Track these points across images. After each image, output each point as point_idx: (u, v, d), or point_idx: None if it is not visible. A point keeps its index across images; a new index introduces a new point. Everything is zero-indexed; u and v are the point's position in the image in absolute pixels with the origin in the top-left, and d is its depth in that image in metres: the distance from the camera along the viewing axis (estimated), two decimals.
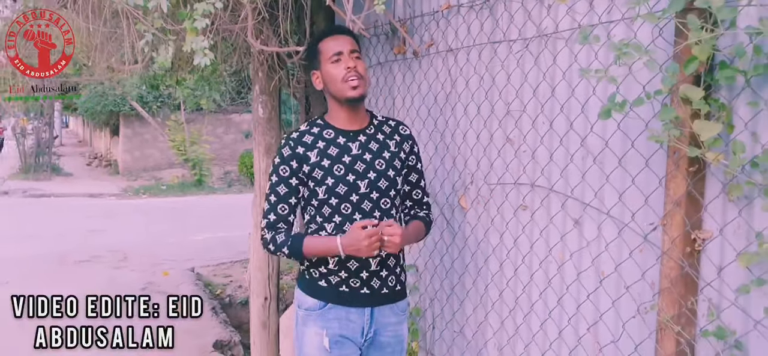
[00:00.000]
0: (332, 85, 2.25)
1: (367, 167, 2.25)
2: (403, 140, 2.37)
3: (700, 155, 1.75)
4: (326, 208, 2.24)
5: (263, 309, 4.06)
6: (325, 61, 2.25)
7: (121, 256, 8.98)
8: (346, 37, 2.30)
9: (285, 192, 2.25)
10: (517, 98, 2.51)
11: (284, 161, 2.26)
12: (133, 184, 17.99)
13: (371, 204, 2.24)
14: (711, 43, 1.69)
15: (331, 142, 2.26)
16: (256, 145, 3.97)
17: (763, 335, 1.70)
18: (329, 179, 2.22)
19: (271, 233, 2.25)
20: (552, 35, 2.32)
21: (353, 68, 2.21)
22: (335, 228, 2.23)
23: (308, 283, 2.31)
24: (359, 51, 2.30)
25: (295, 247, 2.21)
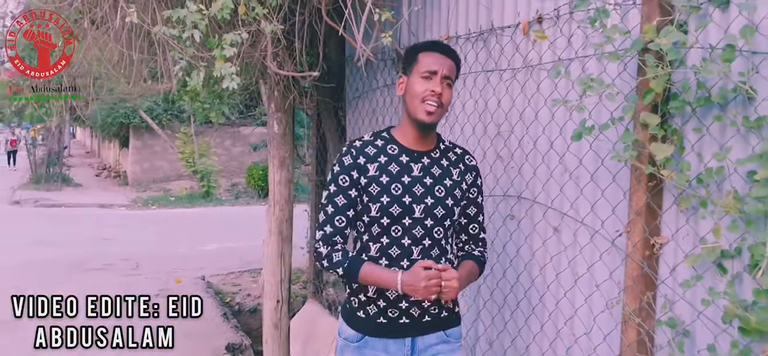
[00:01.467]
0: (410, 100, 2.14)
1: (426, 192, 2.16)
2: (467, 171, 2.27)
3: (656, 172, 2.08)
4: (376, 227, 2.15)
5: (275, 312, 4.38)
6: (416, 72, 2.13)
7: (134, 264, 9.31)
8: (447, 59, 2.16)
9: (343, 204, 2.13)
10: (506, 120, 2.84)
11: (345, 170, 2.14)
12: (142, 195, 18.36)
13: (423, 231, 2.15)
14: (665, 78, 2.02)
15: (393, 158, 2.17)
16: (270, 158, 4.31)
17: (705, 323, 2.02)
18: (385, 197, 2.12)
19: (327, 247, 2.13)
20: (536, 67, 2.65)
21: (438, 94, 2.09)
22: (380, 250, 2.15)
23: (349, 312, 2.25)
24: (454, 79, 2.19)
25: (352, 270, 2.10)
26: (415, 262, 2.12)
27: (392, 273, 2.08)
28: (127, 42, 3.26)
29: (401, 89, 2.20)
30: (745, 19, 1.85)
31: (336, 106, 4.58)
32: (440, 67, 2.12)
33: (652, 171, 2.08)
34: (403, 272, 2.07)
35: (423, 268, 2.03)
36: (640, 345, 2.18)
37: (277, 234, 4.31)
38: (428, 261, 2.07)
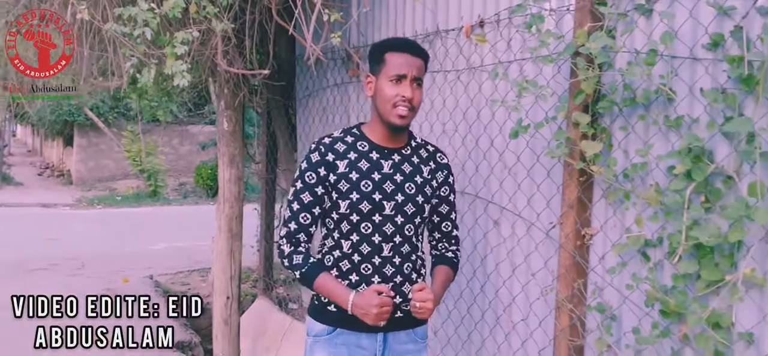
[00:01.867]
0: (381, 103, 2.09)
1: (396, 189, 2.13)
2: (438, 168, 2.25)
3: (586, 167, 2.23)
4: (346, 224, 2.13)
5: (225, 308, 4.42)
6: (384, 74, 2.08)
7: (79, 264, 9.14)
8: (416, 59, 2.11)
9: (309, 201, 2.12)
10: (450, 119, 2.98)
11: (312, 166, 2.12)
12: (87, 194, 17.97)
13: (394, 228, 2.13)
14: (594, 81, 2.17)
15: (363, 155, 2.14)
16: (220, 156, 4.35)
17: (630, 308, 2.18)
18: (354, 194, 2.09)
19: (290, 246, 2.13)
20: (478, 68, 2.78)
21: (409, 99, 2.05)
22: (352, 247, 2.12)
23: (317, 308, 2.20)
24: (422, 78, 2.14)
25: (309, 276, 2.10)
26: (387, 260, 2.13)
27: (345, 292, 2.07)
28: (77, 38, 3.27)
29: (370, 89, 2.15)
30: (665, 26, 2.01)
31: (286, 104, 4.66)
32: (409, 69, 2.06)
33: (583, 167, 2.23)
34: (356, 294, 2.06)
35: (375, 292, 2.03)
36: (573, 329, 2.33)
37: (227, 231, 4.36)
38: (381, 286, 2.08)
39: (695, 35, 1.97)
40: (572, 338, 2.34)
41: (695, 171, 1.90)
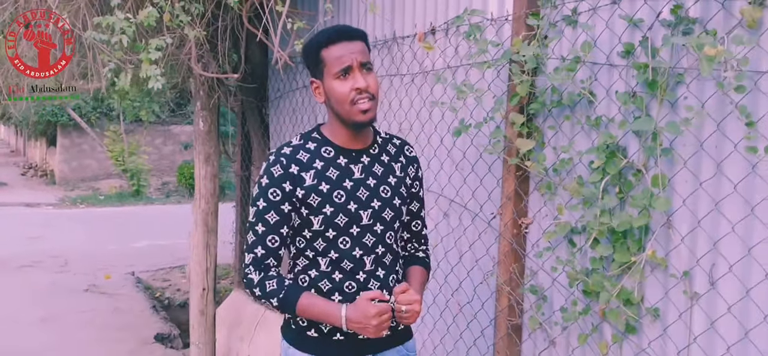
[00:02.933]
0: (337, 105, 1.86)
1: (371, 195, 1.93)
2: (408, 163, 2.08)
3: (520, 163, 2.47)
4: (320, 241, 1.91)
5: (202, 299, 4.63)
6: (328, 74, 1.85)
7: (63, 261, 9.31)
8: (355, 43, 1.87)
9: (276, 221, 1.87)
10: (406, 119, 3.21)
11: (274, 182, 1.86)
12: (71, 194, 18.07)
13: (374, 239, 1.93)
14: (528, 84, 2.41)
15: (330, 162, 1.91)
16: (196, 154, 4.56)
17: (558, 289, 2.42)
18: (327, 208, 1.87)
19: (259, 274, 1.89)
20: (430, 72, 3.02)
21: (364, 89, 1.83)
22: (331, 264, 1.91)
23: (295, 334, 1.98)
24: (370, 61, 1.90)
25: (289, 302, 1.86)
26: (371, 274, 1.93)
27: (335, 308, 1.85)
28: (59, 44, 3.48)
29: (319, 94, 1.93)
30: (587, 36, 2.25)
31: (260, 105, 4.87)
32: (352, 57, 1.82)
33: (517, 162, 2.47)
34: (348, 306, 1.84)
35: (369, 300, 1.82)
36: (511, 310, 2.57)
37: (203, 226, 4.56)
38: (373, 292, 1.87)
39: (612, 44, 2.21)
40: (510, 318, 2.58)
41: (609, 165, 2.14)
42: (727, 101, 1.85)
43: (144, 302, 7.25)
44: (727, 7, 1.87)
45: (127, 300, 7.29)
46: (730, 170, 1.87)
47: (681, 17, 1.99)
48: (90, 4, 3.14)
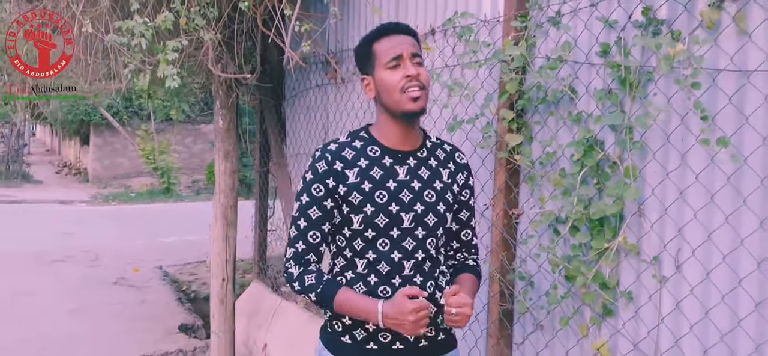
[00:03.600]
0: (387, 96, 1.85)
1: (415, 198, 1.89)
2: (458, 170, 2.02)
3: (509, 157, 2.62)
4: (359, 241, 1.88)
5: (221, 289, 4.84)
6: (379, 65, 1.86)
7: (94, 256, 9.64)
8: (405, 36, 1.89)
9: (318, 217, 1.87)
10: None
11: (319, 177, 1.87)
12: (103, 191, 18.54)
13: (414, 243, 1.88)
14: (517, 82, 2.56)
15: (375, 161, 1.89)
16: (216, 151, 4.77)
17: (544, 276, 2.57)
18: (368, 207, 1.85)
19: (298, 267, 1.89)
20: (430, 71, 3.17)
21: (415, 76, 1.82)
22: (367, 266, 1.88)
23: (330, 337, 1.96)
24: (421, 55, 1.91)
25: (326, 296, 1.84)
26: (408, 279, 1.87)
27: (371, 303, 1.80)
28: (84, 47, 3.70)
29: (370, 91, 1.92)
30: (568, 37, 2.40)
31: (277, 103, 5.07)
32: (402, 48, 1.84)
33: (507, 156, 2.62)
34: (385, 302, 1.78)
35: (407, 297, 1.75)
36: (502, 295, 2.72)
37: (223, 219, 4.77)
38: (413, 288, 1.79)
39: (591, 44, 2.35)
40: (502, 303, 2.73)
41: (587, 158, 2.29)
42: (691, 97, 1.98)
43: (170, 294, 7.50)
44: (689, 9, 2.00)
45: (154, 293, 7.56)
46: (692, 161, 2.01)
47: (650, 19, 2.12)
48: (111, 9, 3.36)
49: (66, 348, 5.49)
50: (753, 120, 1.85)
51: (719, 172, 1.93)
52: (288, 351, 4.47)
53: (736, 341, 1.91)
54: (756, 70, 1.83)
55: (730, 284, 1.91)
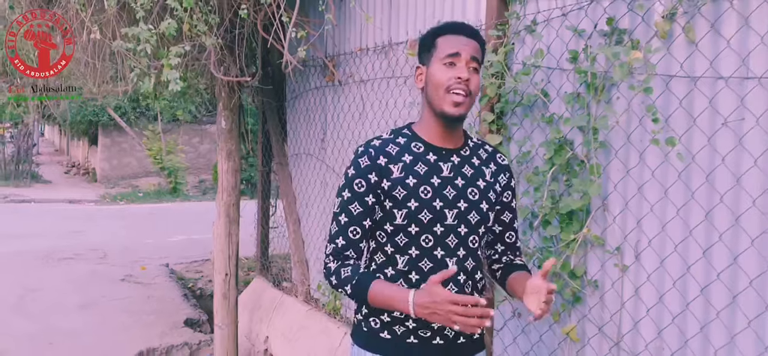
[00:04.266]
0: (433, 91, 1.84)
1: (458, 195, 1.87)
2: (500, 171, 1.99)
3: None
4: (402, 237, 1.85)
5: (224, 283, 5.03)
6: (436, 59, 1.84)
7: (102, 254, 9.84)
8: (471, 40, 1.85)
9: (359, 212, 1.85)
10: (400, 117, 3.56)
11: (361, 172, 1.85)
12: (111, 191, 18.78)
13: (457, 240, 1.86)
14: (495, 86, 2.75)
15: (419, 157, 1.87)
16: (219, 151, 4.97)
17: None
18: (412, 202, 1.82)
19: (336, 262, 1.87)
20: None
21: (465, 80, 1.79)
22: (409, 263, 1.85)
23: (367, 336, 1.92)
24: (481, 62, 1.87)
25: (360, 288, 1.81)
26: (450, 277, 1.82)
27: (404, 292, 1.75)
28: (92, 52, 3.91)
29: (420, 80, 1.91)
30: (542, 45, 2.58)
31: (278, 105, 5.27)
32: (463, 48, 1.81)
33: None
34: (417, 291, 1.73)
35: (440, 284, 1.69)
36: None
37: (225, 216, 4.97)
38: (442, 273, 1.72)
39: (562, 50, 2.54)
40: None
41: (557, 157, 2.47)
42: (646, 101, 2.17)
43: (176, 291, 7.70)
44: (646, 20, 2.18)
45: (160, 289, 7.75)
46: (649, 159, 2.19)
47: (614, 28, 2.31)
48: (118, 17, 3.56)
49: (74, 340, 5.69)
50: (700, 122, 2.03)
51: (672, 169, 2.11)
52: (288, 342, 4.67)
53: (686, 322, 2.10)
54: (702, 76, 2.02)
55: (681, 271, 2.10)
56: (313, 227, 4.77)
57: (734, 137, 1.95)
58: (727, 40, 1.96)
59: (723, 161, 1.98)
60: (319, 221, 4.67)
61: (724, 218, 1.99)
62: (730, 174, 1.97)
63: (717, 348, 2.03)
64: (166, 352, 5.62)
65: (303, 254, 5.00)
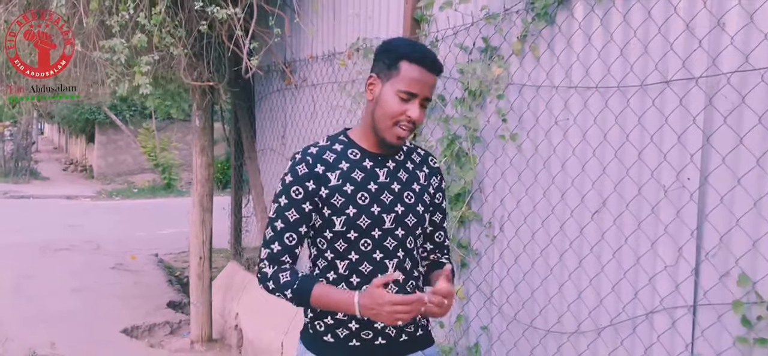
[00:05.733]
0: (380, 115, 1.85)
1: (395, 199, 1.91)
2: (432, 174, 2.06)
3: None
4: (342, 242, 1.89)
5: (199, 265, 5.61)
6: (393, 84, 1.82)
7: (96, 245, 10.39)
8: (431, 75, 1.84)
9: (296, 219, 1.88)
10: (343, 117, 4.12)
11: (298, 180, 1.87)
12: (107, 187, 19.35)
13: (395, 242, 1.91)
14: None
15: (355, 164, 1.91)
16: (194, 146, 5.54)
17: None
18: (351, 209, 1.86)
19: (272, 267, 1.90)
20: (354, 81, 3.93)
21: (414, 120, 1.83)
22: (349, 267, 1.89)
23: (312, 338, 1.98)
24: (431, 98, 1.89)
25: (302, 292, 1.85)
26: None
27: (348, 294, 1.81)
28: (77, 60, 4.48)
29: (371, 92, 1.89)
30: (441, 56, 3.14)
31: (249, 105, 5.83)
32: (423, 88, 1.83)
33: None
34: (361, 294, 1.79)
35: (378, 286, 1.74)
36: None
37: (199, 206, 5.54)
38: (383, 277, 1.78)
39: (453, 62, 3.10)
40: None
41: (447, 150, 3.04)
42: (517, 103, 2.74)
43: (162, 277, 8.27)
44: (508, 39, 2.75)
45: (148, 276, 8.33)
46: (509, 149, 2.76)
47: (488, 46, 2.87)
48: (98, 31, 4.13)
49: (67, 320, 6.26)
50: (541, 120, 2.60)
51: (521, 156, 2.68)
52: (254, 316, 5.24)
53: (534, 278, 2.67)
54: (541, 85, 2.59)
55: (528, 238, 2.67)
56: None
57: (560, 133, 2.52)
58: (557, 56, 2.53)
59: (554, 151, 2.55)
60: None
61: (569, 196, 2.55)
62: (558, 161, 2.54)
63: (569, 302, 2.59)
64: (149, 329, 6.19)
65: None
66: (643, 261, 2.23)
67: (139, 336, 6.06)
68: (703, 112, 2.02)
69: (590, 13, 2.39)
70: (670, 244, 2.12)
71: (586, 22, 2.41)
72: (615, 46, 2.30)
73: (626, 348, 2.30)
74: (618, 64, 2.29)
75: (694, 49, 2.03)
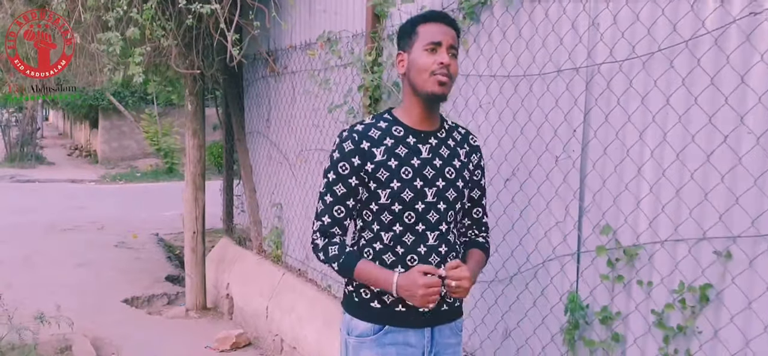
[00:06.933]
0: (417, 75, 1.97)
1: (437, 174, 2.02)
2: (472, 151, 2.15)
3: None
4: (386, 215, 2.00)
5: (192, 239, 6.07)
6: (417, 46, 1.97)
7: (99, 225, 10.86)
8: (449, 28, 2.00)
9: (343, 193, 2.00)
10: (318, 102, 4.57)
11: (345, 156, 1.99)
12: (111, 172, 19.77)
13: (437, 216, 2.01)
14: (368, 79, 3.75)
15: (400, 140, 2.01)
16: (186, 129, 6.01)
17: None
18: (395, 182, 1.97)
19: (323, 239, 2.04)
20: (326, 70, 4.37)
21: (447, 65, 1.93)
22: (394, 238, 2.00)
23: (358, 305, 2.09)
24: (458, 48, 2.03)
25: (347, 266, 2.00)
26: (432, 249, 2.01)
27: (388, 274, 1.96)
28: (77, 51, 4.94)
29: (401, 66, 2.04)
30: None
31: (238, 91, 6.29)
32: (444, 37, 1.96)
33: None
34: (400, 274, 1.94)
35: (421, 273, 1.91)
36: None
37: (192, 184, 6.02)
38: (427, 266, 1.95)
39: None
40: None
41: None
42: None
43: (161, 254, 8.76)
44: None
45: (148, 253, 8.82)
46: None
47: None
48: (95, 25, 4.58)
49: (72, 290, 6.74)
50: (470, 103, 3.06)
51: None
52: (243, 285, 5.72)
53: None
54: (468, 75, 3.04)
55: None
56: (262, 194, 5.81)
57: (483, 114, 2.98)
58: (481, 49, 2.98)
59: (479, 129, 3.01)
60: (266, 189, 5.70)
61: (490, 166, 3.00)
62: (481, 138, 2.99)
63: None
64: (148, 300, 6.69)
65: (257, 215, 6.03)
66: (542, 218, 2.70)
67: (139, 306, 6.55)
68: (584, 95, 2.48)
69: (505, 12, 2.84)
70: (560, 203, 2.59)
71: (503, 20, 2.87)
72: (522, 41, 2.75)
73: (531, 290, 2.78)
74: (525, 56, 2.75)
75: (575, 45, 2.50)
